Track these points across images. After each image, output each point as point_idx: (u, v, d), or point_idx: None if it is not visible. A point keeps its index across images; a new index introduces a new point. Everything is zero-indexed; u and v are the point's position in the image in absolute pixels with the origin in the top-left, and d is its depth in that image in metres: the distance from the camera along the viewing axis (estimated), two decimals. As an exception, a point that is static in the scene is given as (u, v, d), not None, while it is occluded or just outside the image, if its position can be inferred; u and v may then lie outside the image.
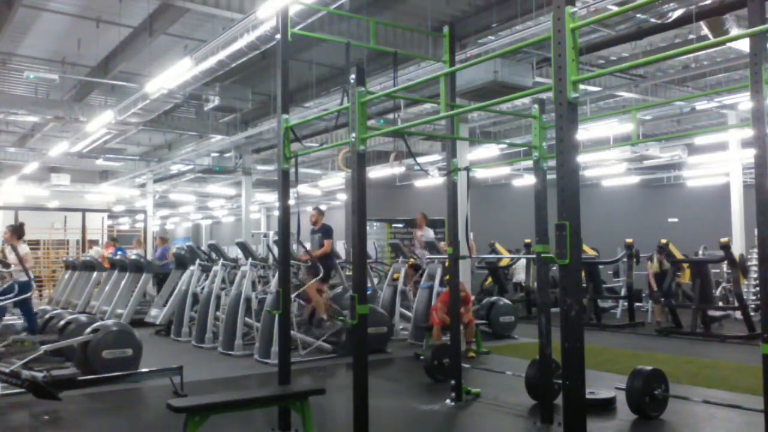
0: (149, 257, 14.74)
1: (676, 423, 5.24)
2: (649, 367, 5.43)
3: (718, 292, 11.73)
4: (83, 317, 7.91)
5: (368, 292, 7.91)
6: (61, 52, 10.89)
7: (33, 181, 20.51)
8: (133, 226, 32.26)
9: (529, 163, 7.28)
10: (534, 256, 6.08)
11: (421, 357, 7.55)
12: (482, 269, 15.22)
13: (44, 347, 6.53)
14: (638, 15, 7.37)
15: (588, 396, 4.89)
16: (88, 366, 6.52)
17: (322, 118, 11.18)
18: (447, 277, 7.38)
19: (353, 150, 4.17)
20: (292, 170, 5.07)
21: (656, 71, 11.63)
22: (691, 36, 9.64)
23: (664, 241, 11.34)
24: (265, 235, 20.98)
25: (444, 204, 5.79)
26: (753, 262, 11.92)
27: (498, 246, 15.24)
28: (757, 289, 10.11)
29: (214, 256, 10.51)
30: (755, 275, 11.63)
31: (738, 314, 10.52)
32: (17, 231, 8.53)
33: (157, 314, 10.59)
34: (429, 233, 10.97)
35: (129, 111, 11.08)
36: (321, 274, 8.37)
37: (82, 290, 12.56)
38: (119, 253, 13.68)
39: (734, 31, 7.56)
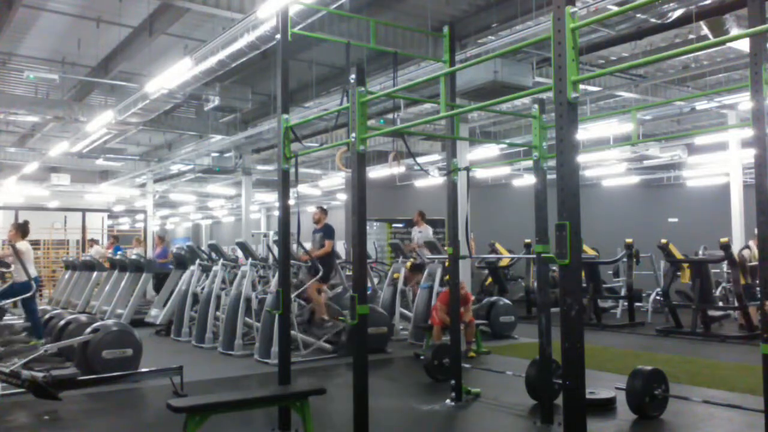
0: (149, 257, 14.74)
1: (676, 423, 5.24)
2: (649, 367, 5.43)
3: (718, 292, 11.72)
4: (83, 317, 7.92)
5: (368, 292, 7.92)
6: (61, 52, 10.89)
7: (33, 181, 20.51)
8: (133, 226, 32.26)
9: (529, 163, 7.28)
10: (534, 256, 6.08)
11: (421, 357, 7.55)
12: (482, 269, 15.22)
13: (44, 347, 6.53)
14: (638, 15, 7.36)
15: (588, 396, 4.90)
16: (88, 366, 6.53)
17: (322, 118, 11.19)
18: (446, 277, 7.38)
19: (353, 150, 4.17)
20: (292, 170, 5.07)
21: (656, 71, 11.62)
22: (691, 36, 9.64)
23: (664, 241, 11.33)
24: (265, 235, 20.98)
25: (444, 204, 5.79)
26: (753, 261, 11.91)
27: (498, 246, 15.24)
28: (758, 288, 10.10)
29: (214, 256, 10.51)
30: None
31: (738, 314, 10.52)
32: (21, 229, 8.51)
33: (157, 314, 10.59)
34: (428, 231, 10.97)
35: (129, 111, 11.08)
36: (321, 274, 8.37)
37: (82, 290, 12.56)
38: (118, 252, 13.70)
39: (734, 31, 7.56)
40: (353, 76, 4.21)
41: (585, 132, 12.96)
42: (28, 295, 7.97)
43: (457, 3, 8.83)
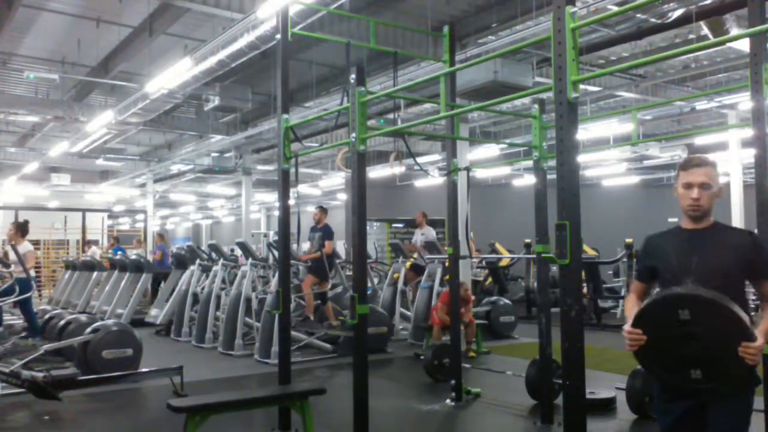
0: (149, 257, 14.75)
1: (676, 423, 5.23)
2: (649, 367, 5.42)
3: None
4: (83, 317, 7.92)
5: (368, 292, 7.92)
6: (61, 52, 10.89)
7: (33, 181, 20.51)
8: (133, 226, 32.27)
9: (529, 163, 7.28)
10: (534, 256, 6.08)
11: (421, 357, 7.55)
12: (481, 269, 15.22)
13: (44, 347, 6.53)
14: (638, 15, 7.37)
15: (588, 396, 4.89)
16: (88, 366, 6.53)
17: (322, 118, 11.19)
18: (447, 277, 7.38)
19: (353, 150, 4.17)
20: (292, 170, 5.07)
21: (656, 71, 11.62)
22: (691, 36, 9.64)
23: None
24: (265, 235, 20.98)
25: (444, 204, 5.79)
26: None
27: (498, 246, 15.23)
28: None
29: (214, 256, 10.50)
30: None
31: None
32: (21, 228, 8.48)
33: (157, 314, 10.59)
34: (430, 233, 10.97)
35: (129, 111, 11.08)
36: (319, 272, 8.36)
37: (82, 290, 12.55)
38: (118, 252, 13.71)
39: (734, 31, 7.56)
40: (353, 76, 4.21)
41: (585, 132, 12.96)
42: (27, 295, 7.96)
43: (457, 3, 8.83)
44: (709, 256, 2.51)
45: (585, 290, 11.65)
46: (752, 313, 2.48)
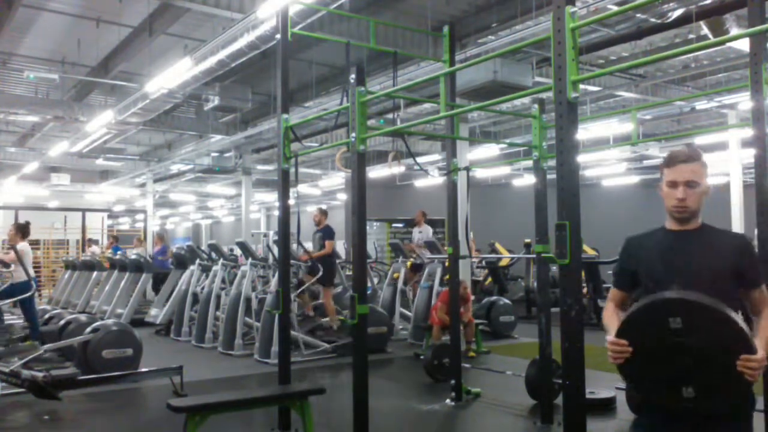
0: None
1: (676, 423, 5.23)
2: (649, 367, 5.42)
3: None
4: (83, 317, 7.92)
5: (368, 292, 7.93)
6: (61, 52, 10.89)
7: (33, 181, 20.51)
8: (133, 226, 32.26)
9: (529, 163, 7.28)
10: (534, 256, 6.08)
11: (421, 357, 7.55)
12: (482, 269, 15.23)
13: (44, 347, 6.53)
14: (638, 15, 7.37)
15: (588, 396, 4.89)
16: (88, 366, 6.53)
17: (322, 118, 11.19)
18: (447, 276, 7.38)
19: (353, 150, 4.17)
20: (292, 170, 5.07)
21: (656, 71, 11.62)
22: (691, 36, 9.64)
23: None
24: (265, 235, 20.97)
25: (444, 204, 5.79)
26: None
27: (498, 246, 15.23)
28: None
29: (214, 255, 10.51)
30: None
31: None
32: (21, 230, 8.48)
33: (157, 314, 10.59)
34: (428, 231, 11.00)
35: (129, 111, 11.08)
36: (320, 274, 8.39)
37: (82, 290, 12.55)
38: (118, 252, 13.71)
39: (734, 31, 7.56)
40: (353, 76, 4.21)
41: (585, 132, 12.96)
42: (27, 295, 7.96)
43: (457, 3, 8.83)
44: (697, 259, 2.25)
45: (585, 290, 11.65)
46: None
